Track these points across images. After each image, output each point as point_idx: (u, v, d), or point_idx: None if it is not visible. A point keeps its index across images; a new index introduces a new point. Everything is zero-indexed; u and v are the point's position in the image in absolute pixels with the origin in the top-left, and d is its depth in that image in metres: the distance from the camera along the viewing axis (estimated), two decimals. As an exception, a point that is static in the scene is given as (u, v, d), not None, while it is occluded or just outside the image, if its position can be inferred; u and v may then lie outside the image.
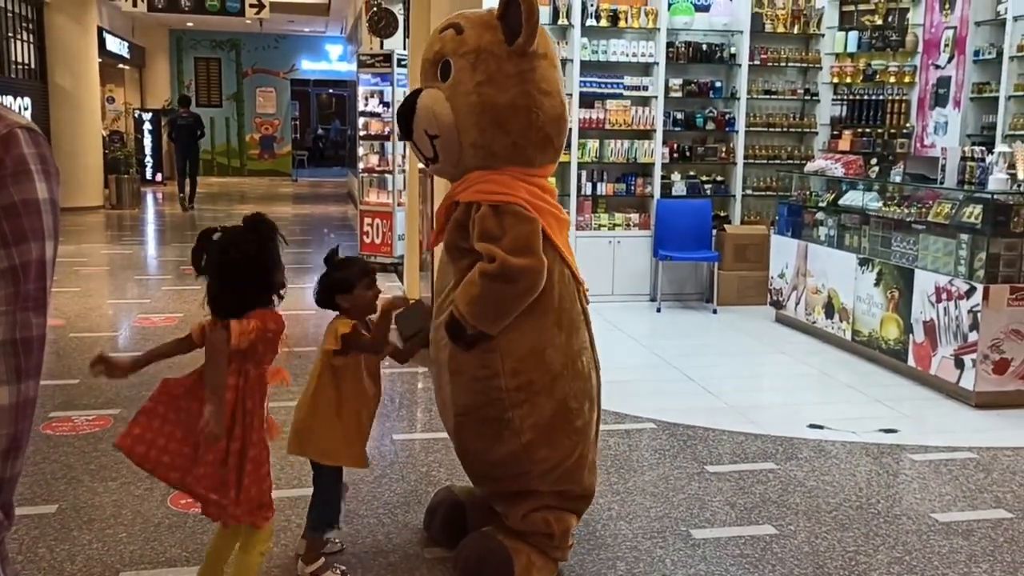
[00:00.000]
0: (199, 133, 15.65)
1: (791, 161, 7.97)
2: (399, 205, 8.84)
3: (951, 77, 7.31)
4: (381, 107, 9.40)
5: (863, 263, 5.93)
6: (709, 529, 3.42)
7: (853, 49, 7.83)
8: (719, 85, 7.83)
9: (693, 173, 7.89)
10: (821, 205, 6.64)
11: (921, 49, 7.60)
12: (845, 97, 7.89)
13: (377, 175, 9.55)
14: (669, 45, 7.59)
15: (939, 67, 7.44)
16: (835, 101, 7.94)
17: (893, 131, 7.72)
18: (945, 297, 5.12)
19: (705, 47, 7.74)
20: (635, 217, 7.66)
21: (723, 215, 7.92)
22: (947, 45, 7.35)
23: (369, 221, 9.27)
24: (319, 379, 2.92)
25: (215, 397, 2.47)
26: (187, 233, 11.91)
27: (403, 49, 9.27)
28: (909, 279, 5.45)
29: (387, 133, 9.23)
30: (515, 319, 2.77)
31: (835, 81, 7.90)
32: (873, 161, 6.64)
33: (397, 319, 3.10)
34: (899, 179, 5.96)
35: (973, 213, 5.08)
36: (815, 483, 3.88)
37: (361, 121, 9.66)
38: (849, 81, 7.85)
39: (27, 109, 13.35)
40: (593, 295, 3.40)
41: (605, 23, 7.49)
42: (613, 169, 7.71)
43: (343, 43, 22.28)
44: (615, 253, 7.55)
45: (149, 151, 19.32)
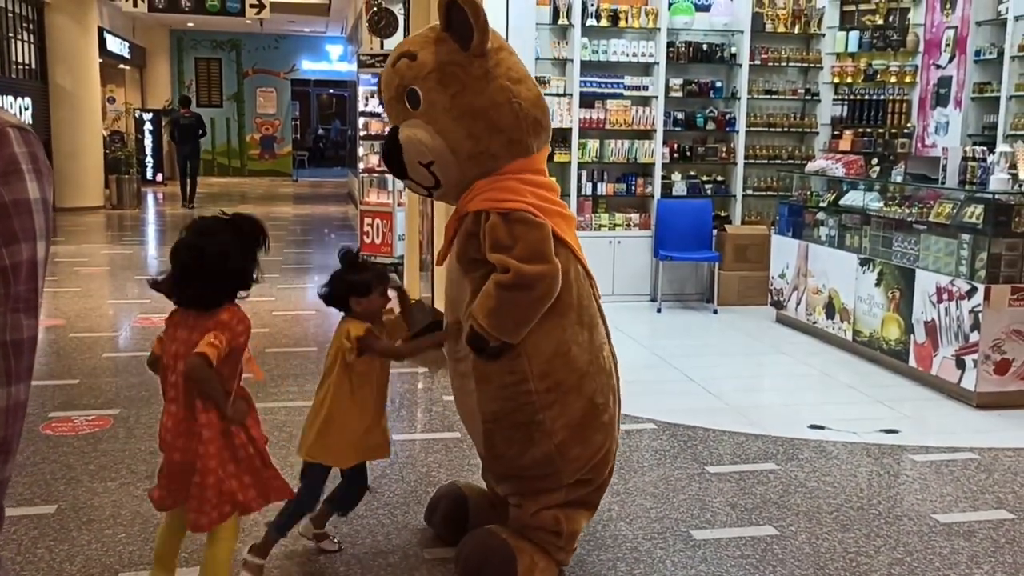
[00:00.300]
0: (200, 133, 16.01)
1: (792, 161, 7.97)
2: (399, 205, 8.84)
3: (952, 77, 7.30)
4: (381, 107, 9.35)
5: (864, 263, 5.92)
6: (710, 530, 3.41)
7: (854, 49, 7.82)
8: (719, 85, 7.82)
9: (694, 173, 7.88)
10: (822, 205, 6.63)
11: (922, 49, 7.59)
12: (846, 97, 7.88)
13: (377, 175, 9.55)
14: (669, 45, 7.58)
15: (940, 67, 7.43)
16: (836, 101, 7.93)
17: (894, 131, 7.71)
18: (946, 297, 5.12)
19: (705, 47, 7.73)
20: (635, 217, 7.66)
21: (724, 215, 7.91)
22: (948, 45, 7.34)
23: (369, 221, 9.27)
24: (335, 382, 2.92)
25: (221, 401, 2.53)
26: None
27: (403, 49, 9.24)
28: (910, 279, 5.44)
29: (387, 133, 9.21)
30: (538, 321, 2.77)
31: (836, 81, 7.90)
32: (874, 161, 6.63)
33: (405, 317, 3.12)
34: (900, 179, 5.95)
35: (974, 213, 5.08)
36: (816, 484, 3.87)
37: (361, 121, 9.66)
38: (850, 81, 7.84)
39: (27, 109, 13.35)
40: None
41: (605, 23, 7.48)
42: (613, 169, 7.71)
43: (343, 43, 22.28)
44: (615, 253, 7.54)
45: (150, 151, 19.34)
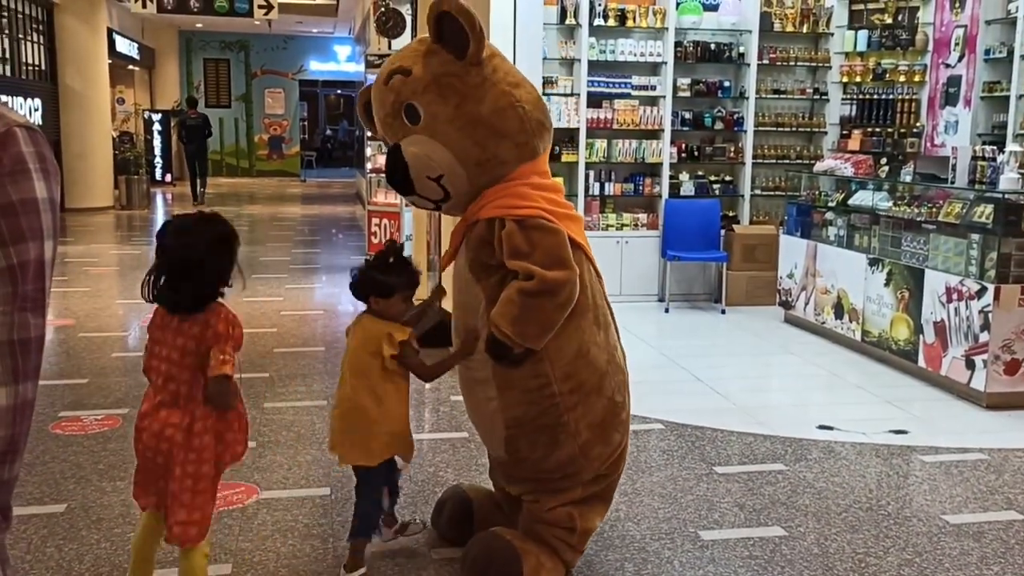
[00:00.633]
0: (206, 133, 16.52)
1: (800, 161, 7.94)
2: (407, 206, 8.85)
3: (961, 76, 7.27)
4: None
5: (873, 263, 5.90)
6: (718, 530, 3.40)
7: (863, 48, 7.79)
8: (727, 85, 7.81)
9: (701, 173, 7.87)
10: (830, 205, 6.61)
11: (931, 48, 7.56)
12: (855, 96, 7.86)
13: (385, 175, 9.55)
14: (677, 44, 7.57)
15: (949, 66, 7.39)
16: (844, 100, 7.91)
17: (903, 130, 7.68)
18: (956, 297, 5.09)
19: (713, 46, 7.71)
20: (643, 217, 7.65)
21: (732, 215, 7.90)
22: (957, 44, 7.31)
23: (377, 221, 9.27)
24: (375, 382, 2.93)
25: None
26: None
27: (411, 49, 9.25)
28: (919, 279, 5.42)
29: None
30: None
31: (844, 80, 7.87)
32: (883, 161, 6.61)
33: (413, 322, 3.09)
34: (909, 179, 5.93)
35: (984, 213, 5.05)
36: (824, 484, 3.86)
37: (369, 121, 9.66)
38: (859, 80, 7.81)
39: (37, 110, 13.41)
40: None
41: (613, 23, 7.47)
42: (621, 169, 7.70)
43: (351, 44, 22.31)
44: (623, 253, 7.52)
45: (158, 152, 19.44)
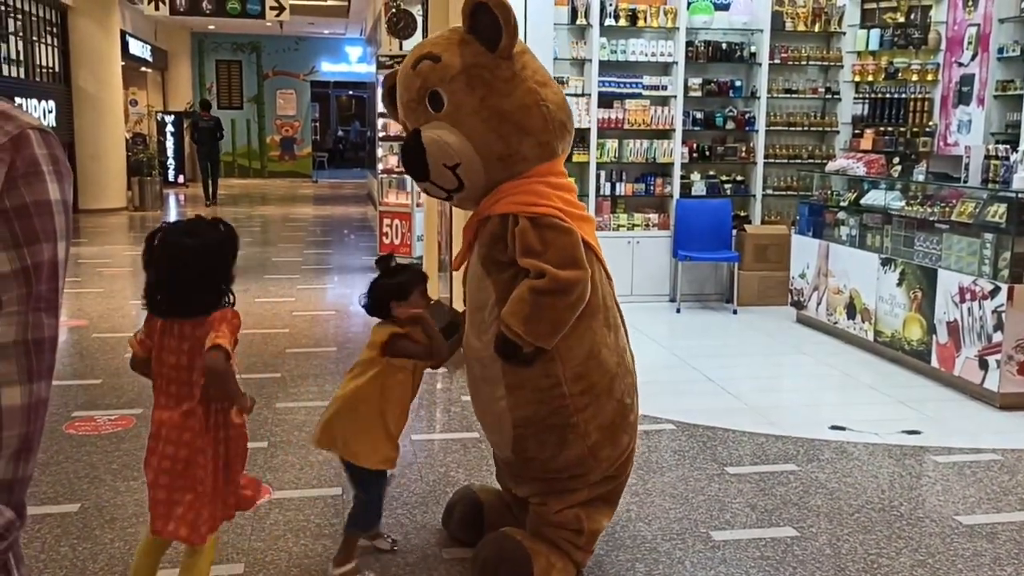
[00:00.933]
0: (219, 135, 16.88)
1: (812, 160, 7.91)
2: (418, 206, 8.87)
3: (974, 75, 7.23)
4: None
5: (885, 263, 5.87)
6: (729, 531, 3.40)
7: (875, 47, 7.76)
8: (739, 84, 7.79)
9: (713, 173, 7.85)
10: (843, 204, 6.59)
11: (944, 47, 7.52)
12: (867, 95, 7.82)
13: (396, 176, 9.59)
14: (688, 44, 7.55)
15: (962, 65, 7.35)
16: (857, 100, 7.87)
17: (916, 130, 7.64)
18: (969, 297, 5.07)
19: (725, 46, 7.70)
20: (654, 217, 7.64)
21: (743, 215, 7.88)
22: (970, 42, 7.26)
23: (388, 222, 9.31)
24: (366, 380, 2.92)
25: (238, 395, 2.49)
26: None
27: (422, 50, 9.27)
28: (932, 279, 5.39)
29: (409, 135, 9.24)
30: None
31: (857, 79, 7.84)
32: (895, 160, 6.58)
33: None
34: (922, 178, 5.91)
35: (997, 212, 5.02)
36: (837, 485, 3.85)
37: (380, 122, 9.70)
38: (871, 79, 7.78)
39: (51, 112, 13.49)
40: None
41: (624, 23, 7.46)
42: (632, 169, 7.69)
43: (362, 45, 22.36)
44: (634, 253, 7.52)
45: (171, 153, 19.54)
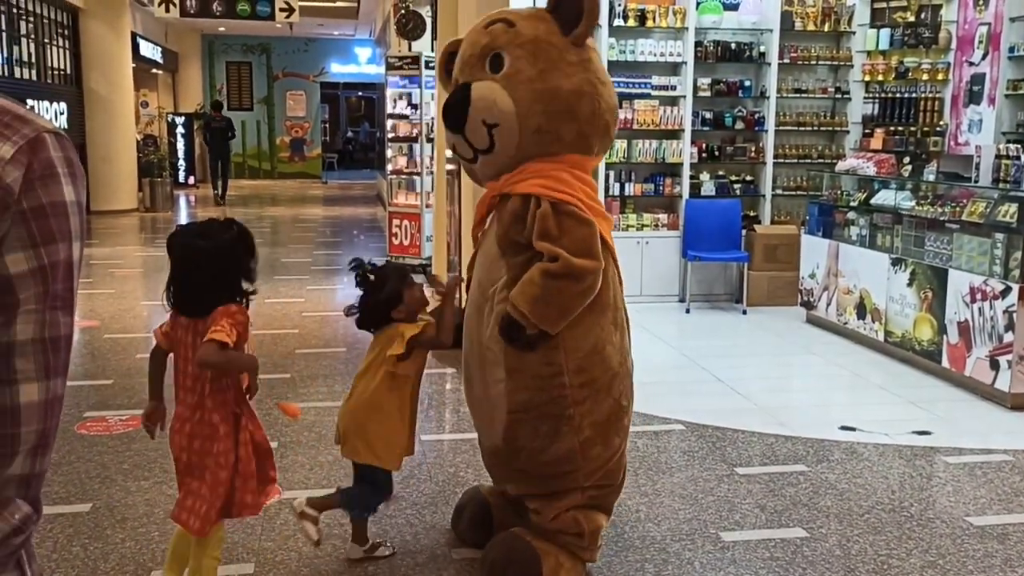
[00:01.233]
0: (229, 136, 17.11)
1: (822, 160, 7.89)
2: (427, 207, 8.89)
3: (985, 74, 7.19)
4: (409, 109, 9.44)
5: (896, 263, 5.85)
6: (739, 532, 3.39)
7: (885, 46, 7.72)
8: (748, 84, 7.77)
9: (722, 173, 7.84)
10: (853, 204, 6.57)
11: (954, 46, 7.48)
12: (877, 95, 7.79)
13: (405, 177, 9.61)
14: (697, 44, 7.55)
15: (973, 64, 7.32)
16: (867, 99, 7.84)
17: (926, 129, 7.60)
18: (980, 297, 5.05)
19: (734, 46, 7.68)
20: (664, 217, 7.63)
21: (753, 215, 7.86)
22: (981, 42, 7.23)
23: (398, 223, 9.33)
24: (379, 384, 2.94)
25: (251, 371, 2.61)
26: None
27: (431, 51, 9.30)
28: (943, 279, 5.37)
29: (415, 135, 9.27)
30: (577, 316, 2.77)
31: (867, 79, 7.81)
32: (906, 160, 6.55)
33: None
34: (932, 178, 5.88)
35: (1008, 212, 5.00)
36: (847, 486, 3.84)
37: (390, 123, 9.71)
38: (881, 79, 7.75)
39: (63, 114, 13.56)
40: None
41: (633, 23, 7.46)
42: (641, 169, 7.68)
43: (372, 46, 22.42)
44: (644, 254, 7.51)
45: (182, 154, 19.65)
